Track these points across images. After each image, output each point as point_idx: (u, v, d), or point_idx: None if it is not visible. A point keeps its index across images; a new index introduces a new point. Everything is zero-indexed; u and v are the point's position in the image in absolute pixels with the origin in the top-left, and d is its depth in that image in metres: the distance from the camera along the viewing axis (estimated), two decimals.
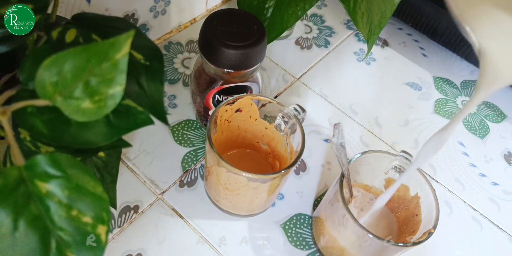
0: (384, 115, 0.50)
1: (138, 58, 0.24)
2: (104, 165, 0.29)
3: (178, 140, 0.44)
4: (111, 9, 0.41)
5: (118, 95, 0.19)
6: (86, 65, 0.18)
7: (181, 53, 0.51)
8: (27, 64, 0.21)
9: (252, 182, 0.33)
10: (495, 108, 0.53)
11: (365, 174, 0.38)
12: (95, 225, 0.19)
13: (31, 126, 0.20)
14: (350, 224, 0.31)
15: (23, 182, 0.18)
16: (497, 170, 0.47)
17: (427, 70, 0.55)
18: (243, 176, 0.31)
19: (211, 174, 0.36)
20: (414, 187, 0.35)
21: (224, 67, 0.35)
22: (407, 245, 0.30)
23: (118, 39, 0.18)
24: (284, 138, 0.37)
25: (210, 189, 0.39)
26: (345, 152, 0.34)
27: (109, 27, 0.25)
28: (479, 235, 0.42)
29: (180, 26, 0.53)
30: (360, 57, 0.55)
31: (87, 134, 0.21)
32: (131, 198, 0.39)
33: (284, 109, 0.35)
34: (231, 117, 0.37)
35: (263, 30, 0.35)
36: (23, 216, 0.18)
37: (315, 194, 0.43)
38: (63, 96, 0.19)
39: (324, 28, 0.57)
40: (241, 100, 0.35)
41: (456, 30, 0.51)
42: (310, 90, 0.51)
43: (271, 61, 0.52)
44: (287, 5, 0.40)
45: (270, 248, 0.39)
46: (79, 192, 0.19)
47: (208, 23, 0.35)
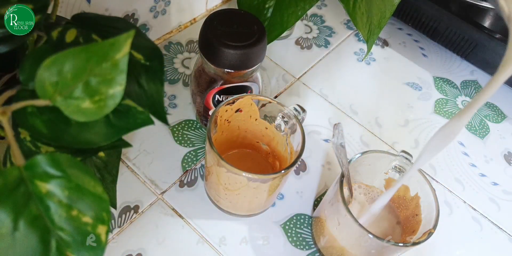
0: (384, 115, 0.50)
1: (138, 58, 0.24)
2: (104, 165, 0.29)
3: (178, 140, 0.44)
4: (111, 9, 0.41)
5: (118, 95, 0.19)
6: (86, 65, 0.18)
7: (181, 53, 0.51)
8: (27, 64, 0.21)
9: (252, 182, 0.33)
10: (495, 108, 0.53)
11: (365, 174, 0.38)
12: (95, 225, 0.19)
13: (31, 126, 0.20)
14: (350, 224, 0.31)
15: (23, 182, 0.18)
16: (497, 170, 0.47)
17: (427, 70, 0.55)
18: (243, 176, 0.31)
19: (211, 174, 0.36)
20: (414, 187, 0.35)
21: (224, 67, 0.35)
22: (407, 245, 0.30)
23: (118, 39, 0.18)
24: (284, 138, 0.37)
25: (210, 189, 0.39)
26: (345, 152, 0.34)
27: (109, 27, 0.25)
28: (479, 235, 0.42)
29: (180, 26, 0.53)
30: (360, 57, 0.55)
31: (87, 134, 0.21)
32: (131, 198, 0.40)
33: (284, 109, 0.35)
34: (231, 117, 0.37)
35: (263, 30, 0.35)
36: (23, 216, 0.18)
37: (315, 194, 0.43)
38: (63, 96, 0.19)
39: (324, 28, 0.57)
40: (241, 100, 0.35)
41: (456, 30, 0.51)
42: (310, 90, 0.51)
43: (271, 61, 0.52)
44: (287, 5, 0.40)
45: (270, 248, 0.39)
46: (79, 192, 0.19)
47: (208, 23, 0.35)
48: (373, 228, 0.37)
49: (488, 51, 0.50)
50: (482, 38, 0.49)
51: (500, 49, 0.48)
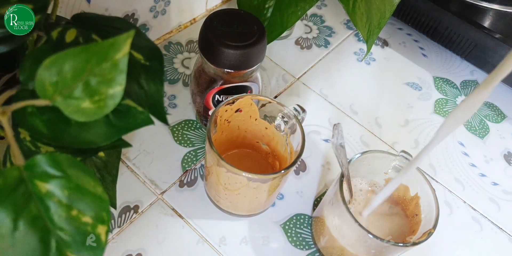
0: (384, 115, 0.50)
1: (138, 58, 0.24)
2: (104, 165, 0.29)
3: (178, 140, 0.44)
4: (111, 9, 0.41)
5: (118, 95, 0.19)
6: (86, 65, 0.18)
7: (181, 53, 0.51)
8: (27, 64, 0.21)
9: (252, 182, 0.33)
10: (495, 108, 0.53)
11: (365, 174, 0.38)
12: (95, 225, 0.19)
13: (31, 126, 0.20)
14: (350, 224, 0.31)
15: (23, 182, 0.18)
16: (497, 170, 0.47)
17: (427, 70, 0.55)
18: (243, 176, 0.31)
19: (211, 174, 0.36)
20: (414, 187, 0.35)
21: (224, 67, 0.35)
22: (407, 245, 0.30)
23: (118, 39, 0.18)
24: (284, 138, 0.37)
25: (210, 189, 0.39)
26: (345, 153, 0.34)
27: (109, 27, 0.25)
28: (479, 235, 0.42)
29: (180, 26, 0.53)
30: (360, 57, 0.55)
31: (87, 134, 0.21)
32: (131, 198, 0.40)
33: (284, 109, 0.35)
34: (231, 117, 0.37)
35: (263, 30, 0.35)
36: (23, 216, 0.18)
37: (315, 194, 0.43)
38: (63, 96, 0.19)
39: (324, 28, 0.57)
40: (241, 100, 0.35)
41: (456, 30, 0.51)
42: (310, 90, 0.51)
43: (271, 61, 0.52)
44: (287, 5, 0.40)
45: (270, 248, 0.39)
46: (79, 192, 0.19)
47: (208, 23, 0.35)
48: (373, 228, 0.37)
49: (488, 51, 0.50)
50: (482, 38, 0.49)
51: (500, 49, 0.48)
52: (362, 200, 0.37)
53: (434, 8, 0.51)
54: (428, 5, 0.51)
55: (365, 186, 0.38)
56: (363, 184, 0.38)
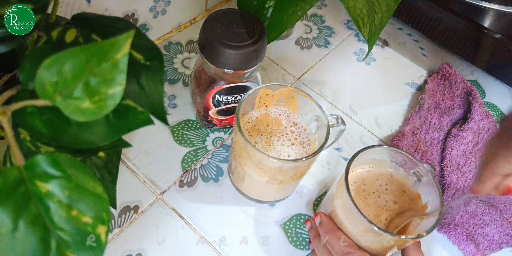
0: (384, 115, 0.50)
1: (138, 58, 0.24)
2: (104, 165, 0.29)
3: (178, 140, 0.44)
4: (111, 9, 0.41)
5: (118, 95, 0.19)
6: (86, 65, 0.18)
7: (181, 53, 0.51)
8: (27, 64, 0.21)
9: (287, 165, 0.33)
10: (495, 108, 0.53)
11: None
12: (95, 225, 0.19)
13: (31, 126, 0.20)
14: (350, 224, 0.31)
15: (23, 182, 0.18)
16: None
17: (427, 70, 0.55)
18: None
19: (243, 158, 0.36)
20: (426, 196, 0.35)
21: (224, 67, 0.35)
22: (407, 237, 0.30)
23: (118, 39, 0.18)
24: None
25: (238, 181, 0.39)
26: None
27: (109, 27, 0.25)
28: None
29: (180, 26, 0.53)
30: (360, 57, 0.55)
31: (87, 134, 0.21)
32: (131, 198, 0.40)
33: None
34: (270, 103, 0.38)
35: (263, 30, 0.35)
36: (23, 216, 0.18)
37: (315, 194, 0.43)
38: (63, 96, 0.19)
39: (324, 28, 0.57)
40: (283, 89, 0.36)
41: (456, 30, 0.51)
42: (310, 90, 0.51)
43: (271, 61, 0.52)
44: (287, 5, 0.40)
45: (270, 248, 0.39)
46: (79, 192, 0.19)
47: (208, 23, 0.35)
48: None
49: (488, 51, 0.50)
50: (482, 38, 0.49)
51: (500, 49, 0.48)
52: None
53: (434, 8, 0.51)
54: (428, 5, 0.51)
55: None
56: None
